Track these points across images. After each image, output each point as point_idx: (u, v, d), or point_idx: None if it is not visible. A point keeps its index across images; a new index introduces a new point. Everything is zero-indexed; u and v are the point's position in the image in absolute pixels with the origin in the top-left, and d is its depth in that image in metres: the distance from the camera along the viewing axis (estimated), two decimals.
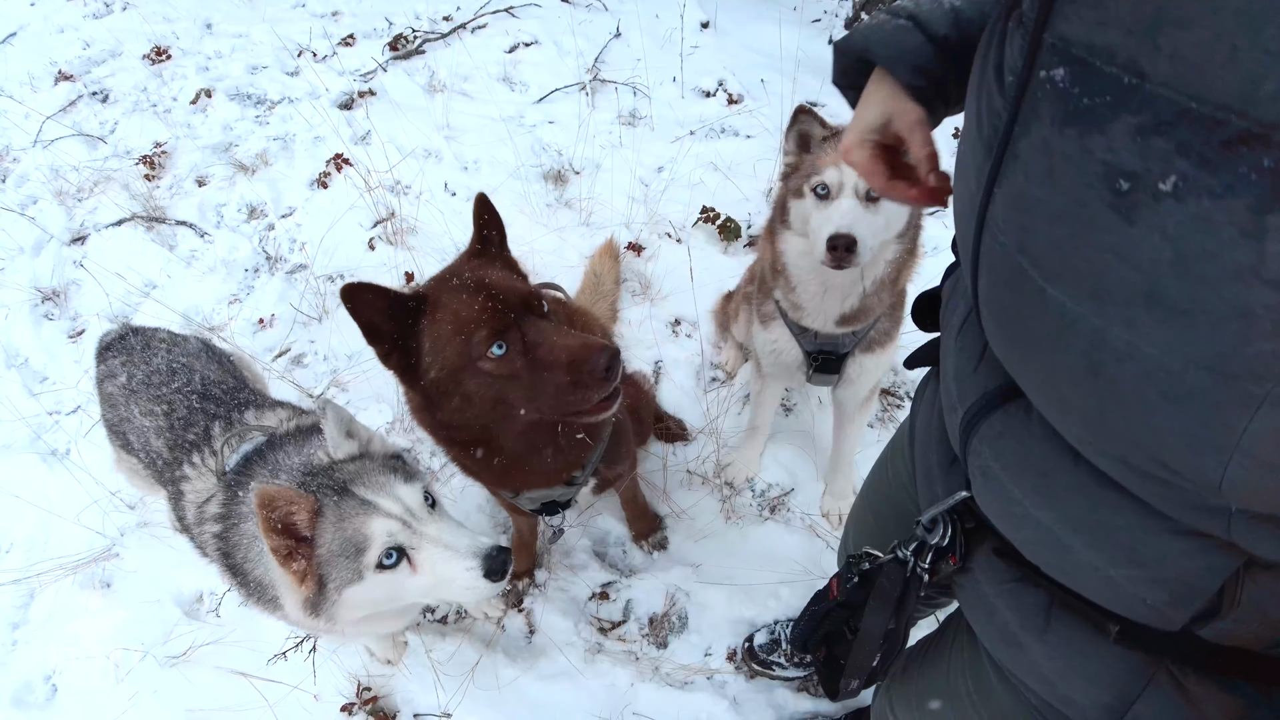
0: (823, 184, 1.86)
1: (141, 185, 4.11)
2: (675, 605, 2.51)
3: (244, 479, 1.79)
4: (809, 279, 2.06)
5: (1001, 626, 1.09)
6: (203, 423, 2.05)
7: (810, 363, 2.26)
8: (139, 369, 2.22)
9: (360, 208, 3.79)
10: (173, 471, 2.03)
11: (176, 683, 2.48)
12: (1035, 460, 0.90)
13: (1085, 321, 0.68)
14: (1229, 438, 0.62)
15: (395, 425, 2.98)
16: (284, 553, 1.50)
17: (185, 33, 5.20)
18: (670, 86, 4.62)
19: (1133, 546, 0.82)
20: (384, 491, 1.57)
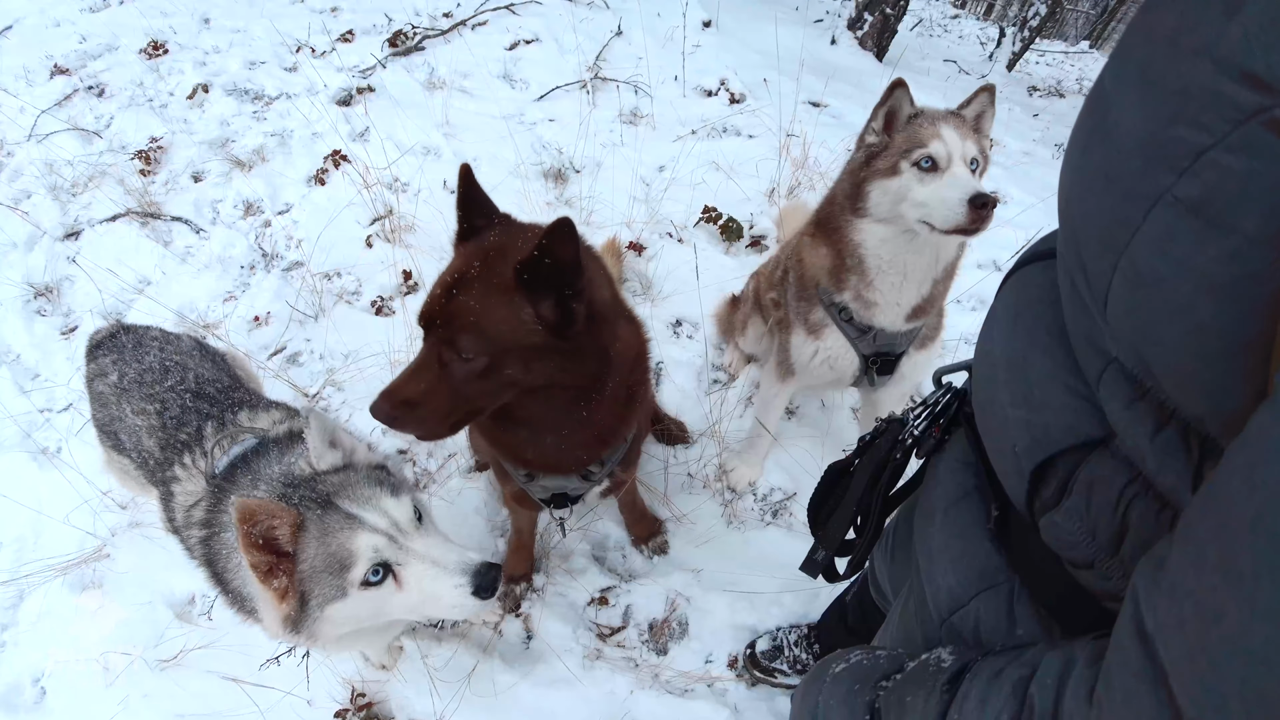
0: (928, 156, 1.86)
1: (137, 180, 4.06)
2: (676, 611, 2.47)
3: (230, 484, 1.74)
4: (890, 268, 2.02)
5: (930, 499, 1.15)
6: (195, 422, 2.00)
7: (870, 366, 2.23)
8: (131, 367, 2.16)
9: (358, 205, 3.75)
10: (164, 472, 1.98)
11: (167, 687, 2.43)
12: (1024, 302, 0.94)
13: (1105, 83, 0.71)
14: (1124, 235, 0.63)
15: None
16: (264, 569, 1.44)
17: (183, 27, 5.16)
18: (672, 85, 4.58)
19: (1034, 385, 0.86)
20: (370, 505, 1.51)
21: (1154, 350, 0.65)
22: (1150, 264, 0.61)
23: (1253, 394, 0.57)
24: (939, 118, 1.92)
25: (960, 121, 1.95)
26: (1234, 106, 0.54)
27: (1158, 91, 0.61)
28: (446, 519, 2.66)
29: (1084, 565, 0.83)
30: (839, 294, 2.13)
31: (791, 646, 2.32)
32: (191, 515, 1.84)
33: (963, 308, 3.40)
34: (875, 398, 2.46)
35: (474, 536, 2.63)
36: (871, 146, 1.99)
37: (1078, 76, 8.46)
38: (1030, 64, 7.83)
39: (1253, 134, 0.53)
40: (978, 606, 0.99)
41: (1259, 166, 0.53)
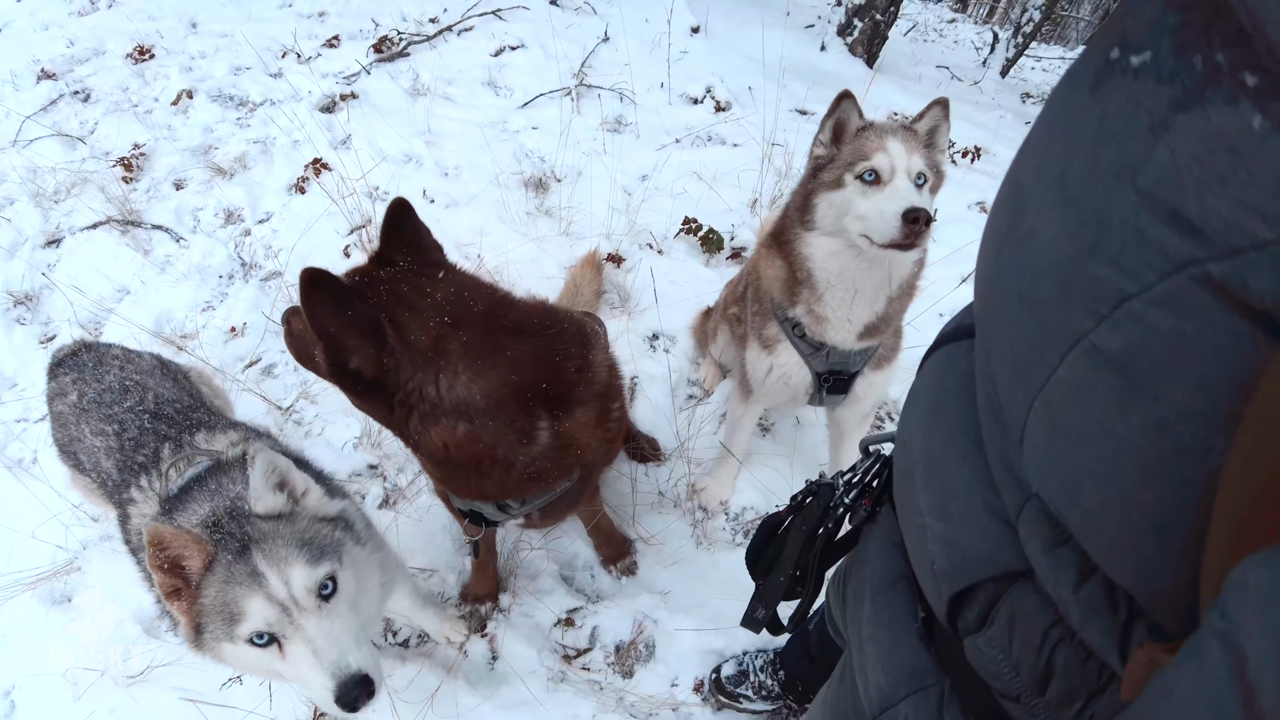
0: (871, 170, 1.84)
1: (118, 188, 4.04)
2: (643, 634, 2.45)
3: (178, 507, 1.73)
4: (839, 283, 1.98)
5: (861, 580, 1.10)
6: (153, 444, 1.98)
7: (821, 384, 2.20)
8: (90, 387, 2.16)
9: (336, 214, 3.73)
10: (121, 493, 1.97)
11: (133, 704, 2.42)
12: (943, 390, 0.88)
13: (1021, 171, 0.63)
14: (1040, 374, 0.56)
15: (362, 441, 2.92)
16: (167, 589, 1.46)
17: (170, 31, 5.14)
18: (657, 92, 4.55)
19: (952, 496, 0.78)
20: (278, 568, 1.46)
21: (1073, 510, 0.57)
22: (1067, 416, 0.54)
23: (1186, 576, 0.49)
24: (887, 131, 1.90)
25: (909, 135, 1.92)
26: (1160, 253, 0.46)
27: (1076, 210, 0.53)
28: (413, 537, 2.65)
29: (1010, 697, 0.76)
30: (791, 308, 2.10)
31: (757, 672, 2.30)
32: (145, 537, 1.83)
33: (942, 322, 3.36)
34: (838, 417, 2.43)
35: (441, 555, 2.61)
36: (819, 159, 1.98)
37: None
38: (1026, 69, 7.78)
39: (1181, 289, 0.45)
40: (907, 710, 0.92)
41: (1188, 328, 0.45)
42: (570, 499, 1.96)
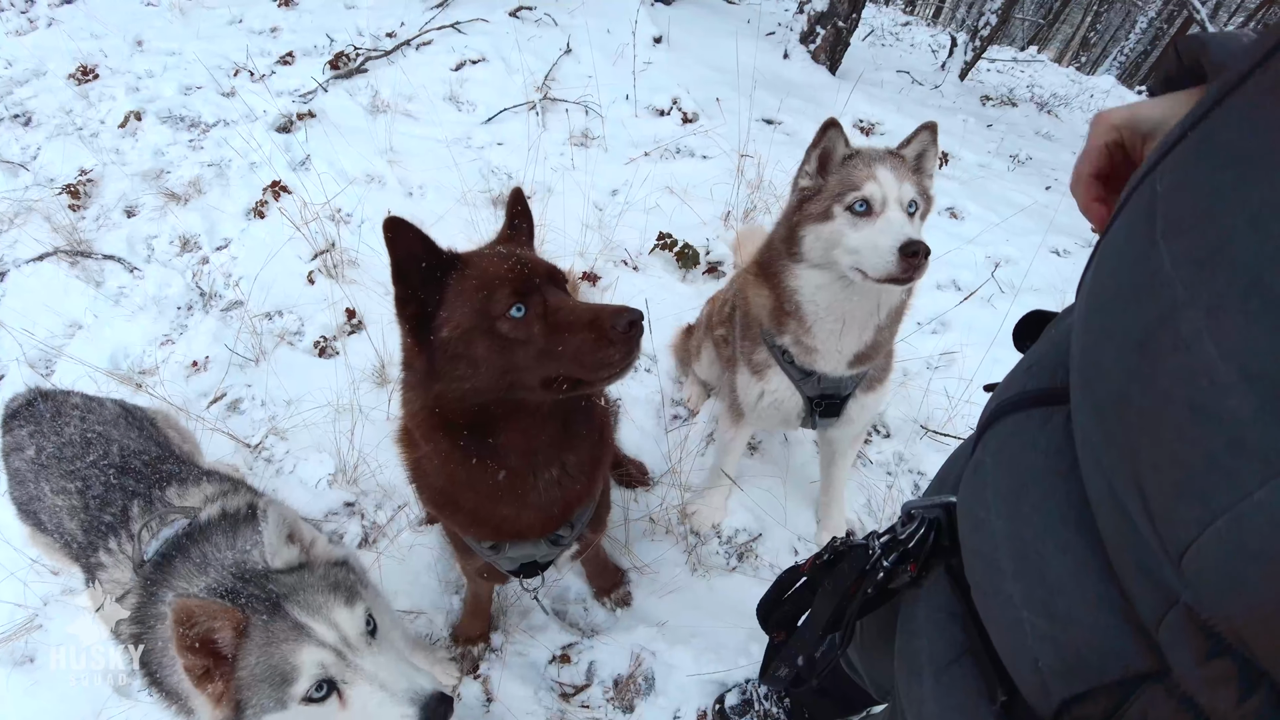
0: (862, 200, 1.77)
1: (65, 216, 3.85)
2: (641, 666, 2.38)
3: (163, 575, 1.61)
4: (828, 315, 1.94)
5: (914, 652, 1.03)
6: (120, 501, 1.85)
7: (813, 409, 2.16)
8: (49, 440, 2.01)
9: (298, 239, 3.60)
10: (88, 557, 1.84)
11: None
12: (1024, 468, 0.81)
13: (1169, 289, 0.55)
14: (1229, 494, 0.49)
15: (338, 477, 2.80)
16: (199, 672, 1.33)
17: (114, 50, 4.95)
18: (623, 104, 4.50)
19: (1056, 591, 0.72)
20: (320, 615, 1.41)
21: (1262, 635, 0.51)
22: (1272, 543, 0.48)
23: None
24: (875, 159, 1.84)
25: (899, 162, 1.88)
26: None
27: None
28: (397, 577, 2.54)
29: None
30: (780, 337, 2.06)
31: (761, 700, 2.25)
32: (124, 604, 1.70)
33: (923, 330, 3.36)
34: (830, 437, 2.40)
35: (426, 596, 2.51)
36: (805, 190, 1.92)
37: (1028, 83, 8.56)
38: (981, 72, 7.90)
39: None
40: None
41: None
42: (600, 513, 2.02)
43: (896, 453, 2.96)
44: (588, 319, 1.42)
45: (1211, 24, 9.97)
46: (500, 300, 1.40)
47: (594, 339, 1.41)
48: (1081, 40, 18.86)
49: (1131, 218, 0.65)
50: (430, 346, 1.45)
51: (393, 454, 2.80)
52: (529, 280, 1.43)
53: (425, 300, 1.44)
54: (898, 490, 2.81)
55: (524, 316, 1.42)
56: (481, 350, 1.42)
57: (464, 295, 1.43)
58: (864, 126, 4.67)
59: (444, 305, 1.44)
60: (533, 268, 1.46)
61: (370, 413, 2.90)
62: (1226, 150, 0.54)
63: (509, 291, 1.41)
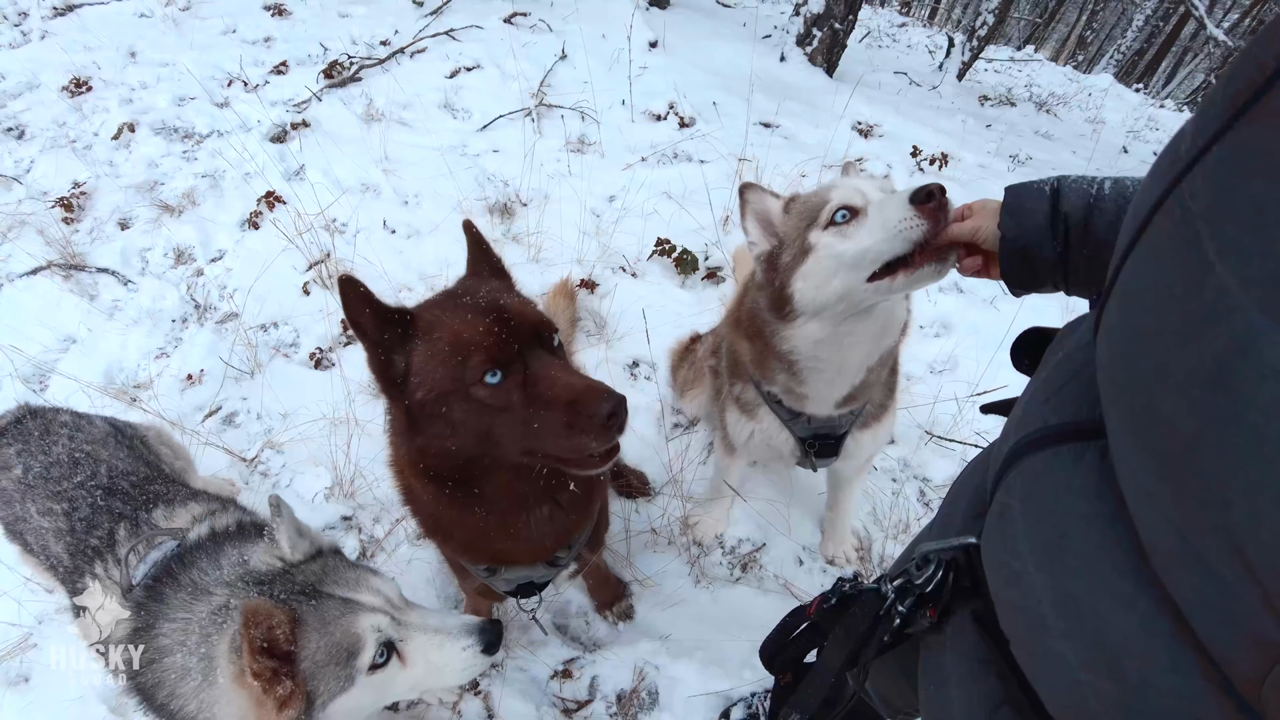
0: (840, 208, 1.58)
1: (59, 229, 3.82)
2: (644, 680, 2.34)
3: (155, 602, 1.57)
4: (826, 366, 1.79)
5: (945, 703, 0.99)
6: (107, 524, 1.83)
7: (807, 449, 2.05)
8: (36, 460, 1.97)
9: (293, 250, 3.57)
10: (75, 581, 1.80)
11: None
12: (1061, 514, 0.75)
13: (1243, 314, 0.50)
14: None
15: (334, 491, 2.77)
16: (267, 676, 1.31)
17: (107, 62, 4.92)
18: (619, 110, 4.47)
19: (1121, 653, 0.66)
20: (361, 586, 1.47)
21: None
22: None
23: None
24: (829, 185, 1.69)
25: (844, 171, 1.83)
26: None
27: None
28: None
29: None
30: (768, 385, 1.96)
31: (767, 714, 2.21)
32: (117, 634, 1.64)
33: (925, 334, 3.32)
34: (835, 468, 2.34)
35: None
36: (765, 254, 1.77)
37: (1026, 83, 8.52)
38: (980, 71, 7.87)
39: None
40: None
41: None
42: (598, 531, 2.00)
43: (902, 459, 2.92)
44: (566, 399, 1.32)
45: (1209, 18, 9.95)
46: (474, 367, 1.32)
47: (571, 423, 1.31)
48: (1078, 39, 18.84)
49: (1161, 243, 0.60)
50: (407, 405, 1.40)
51: None
52: (506, 345, 1.34)
53: (394, 360, 1.38)
54: (904, 499, 2.77)
55: (502, 383, 1.33)
56: (458, 414, 1.36)
57: (436, 358, 1.36)
58: (863, 129, 4.63)
59: (415, 366, 1.37)
60: (513, 327, 1.37)
61: (366, 425, 2.86)
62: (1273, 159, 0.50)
63: (484, 358, 1.32)
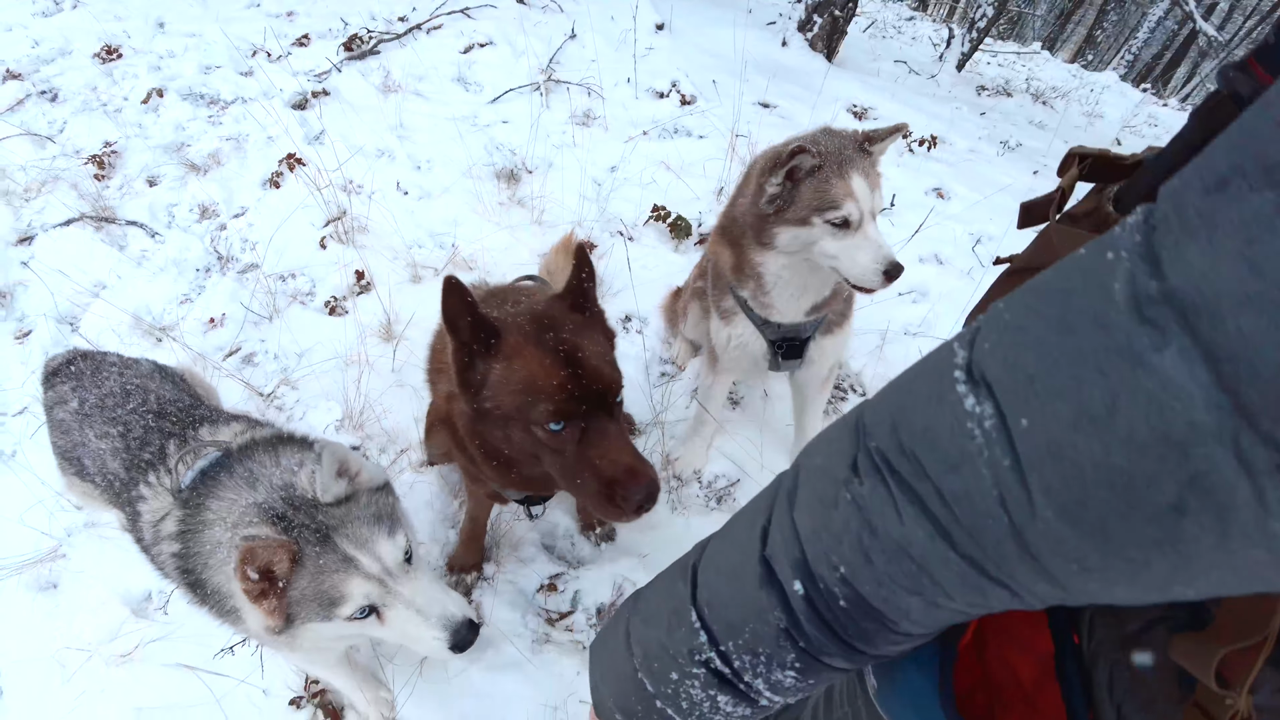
0: (843, 218, 1.96)
1: (91, 185, 4.06)
2: (623, 595, 2.55)
3: (205, 494, 1.76)
4: (790, 285, 2.18)
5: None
6: (158, 441, 2.02)
7: (775, 351, 2.36)
8: (91, 393, 2.18)
9: (312, 207, 3.79)
10: (129, 492, 2.00)
11: (124, 681, 2.46)
12: None
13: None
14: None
15: (345, 422, 2.98)
16: (255, 593, 1.47)
17: (137, 31, 5.15)
18: (624, 87, 4.67)
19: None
20: (366, 547, 1.54)
21: None
22: None
23: None
24: (848, 166, 1.97)
25: (868, 165, 2.03)
26: None
27: None
28: None
29: None
30: (740, 289, 2.27)
31: None
32: (161, 529, 1.86)
33: (903, 300, 3.52)
34: (799, 382, 2.60)
35: (425, 529, 2.69)
36: (775, 195, 2.03)
37: (1027, 76, 8.67)
38: (981, 64, 8.04)
39: None
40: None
41: None
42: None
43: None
44: (608, 475, 1.49)
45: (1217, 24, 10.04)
46: (540, 413, 1.47)
47: (608, 496, 1.50)
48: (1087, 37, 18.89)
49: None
50: (476, 398, 1.55)
51: (396, 401, 2.99)
52: (574, 403, 1.48)
53: (475, 364, 1.53)
54: None
55: (560, 432, 1.49)
56: (516, 436, 1.54)
57: (510, 387, 1.50)
58: (857, 111, 4.83)
59: (490, 381, 1.52)
60: (585, 385, 1.49)
61: (376, 363, 3.08)
62: None
63: (552, 410, 1.47)
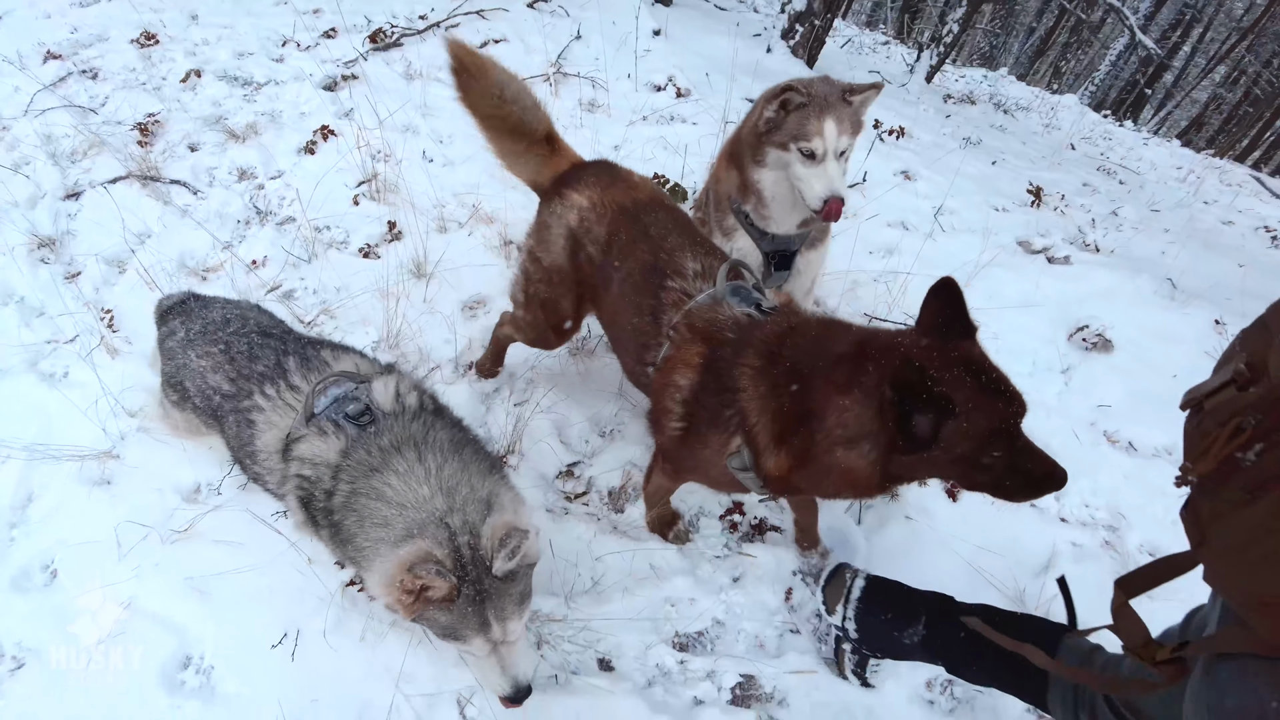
0: (810, 150, 2.48)
1: (135, 149, 4.40)
2: (631, 480, 2.92)
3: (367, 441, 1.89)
4: (782, 199, 2.68)
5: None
6: (272, 356, 2.15)
7: (769, 262, 2.83)
8: (195, 323, 2.36)
9: (345, 170, 4.17)
10: (237, 402, 2.13)
11: (177, 556, 2.64)
12: None
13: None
14: None
15: (380, 343, 3.33)
16: (405, 596, 1.65)
17: (172, 22, 5.54)
18: (625, 82, 5.15)
19: None
20: (503, 620, 1.74)
21: None
22: None
23: None
24: (825, 109, 2.48)
25: (843, 111, 2.52)
26: None
27: None
28: None
29: None
30: (744, 205, 2.77)
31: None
32: (294, 450, 1.98)
33: (874, 257, 3.97)
34: (788, 291, 3.03)
35: None
36: (770, 120, 2.57)
37: (991, 92, 9.36)
38: (950, 80, 8.70)
39: None
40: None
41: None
42: None
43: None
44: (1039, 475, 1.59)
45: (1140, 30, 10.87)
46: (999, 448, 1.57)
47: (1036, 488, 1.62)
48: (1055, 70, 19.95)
49: None
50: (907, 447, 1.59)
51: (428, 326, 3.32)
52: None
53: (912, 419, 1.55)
54: None
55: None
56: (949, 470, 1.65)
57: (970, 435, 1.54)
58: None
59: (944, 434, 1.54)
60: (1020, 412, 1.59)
61: (410, 293, 3.45)
62: None
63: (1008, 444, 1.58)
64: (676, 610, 2.57)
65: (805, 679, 2.43)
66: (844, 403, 1.67)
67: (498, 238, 3.84)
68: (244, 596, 2.54)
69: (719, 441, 1.97)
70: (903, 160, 4.81)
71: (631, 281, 2.25)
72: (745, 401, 1.89)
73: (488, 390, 3.19)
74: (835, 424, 1.70)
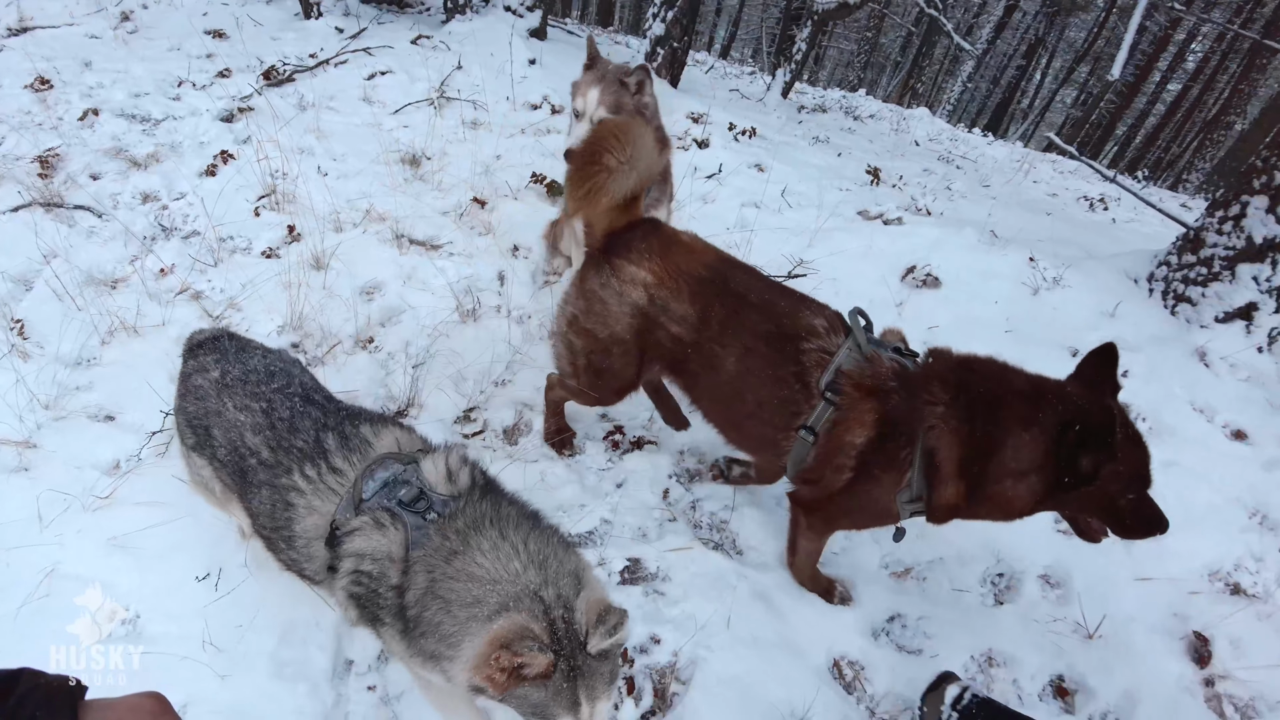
0: (575, 110, 3.22)
1: (36, 181, 4.59)
2: (523, 418, 3.33)
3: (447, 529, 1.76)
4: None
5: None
6: (312, 431, 2.00)
7: None
8: (234, 367, 2.19)
9: (245, 187, 4.50)
10: (274, 475, 1.98)
11: (100, 521, 2.73)
12: None
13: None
14: None
15: (284, 327, 3.65)
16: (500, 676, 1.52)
17: (65, 69, 5.73)
18: (504, 104, 5.68)
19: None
20: (593, 702, 1.63)
21: None
22: None
23: None
24: (594, 84, 3.16)
25: (612, 88, 3.16)
26: None
27: None
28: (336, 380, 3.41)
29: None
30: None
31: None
32: (348, 545, 1.83)
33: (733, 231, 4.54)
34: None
35: (364, 386, 3.39)
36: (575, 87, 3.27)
37: (844, 104, 10.33)
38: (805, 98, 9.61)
39: None
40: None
41: None
42: None
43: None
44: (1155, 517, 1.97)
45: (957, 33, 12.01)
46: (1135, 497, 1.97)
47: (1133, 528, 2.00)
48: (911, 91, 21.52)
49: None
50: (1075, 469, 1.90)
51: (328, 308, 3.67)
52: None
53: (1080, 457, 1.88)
54: None
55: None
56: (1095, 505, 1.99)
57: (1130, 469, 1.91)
58: (694, 116, 6.00)
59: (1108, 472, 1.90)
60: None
61: (309, 282, 3.80)
62: None
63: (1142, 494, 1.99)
64: (567, 515, 2.97)
65: (683, 555, 2.85)
66: (1024, 437, 1.92)
67: (389, 232, 4.23)
68: (166, 547, 2.67)
69: (893, 480, 2.13)
70: (755, 155, 5.47)
71: (758, 354, 2.25)
72: (933, 438, 2.03)
73: (383, 358, 3.55)
74: (1011, 456, 1.95)
